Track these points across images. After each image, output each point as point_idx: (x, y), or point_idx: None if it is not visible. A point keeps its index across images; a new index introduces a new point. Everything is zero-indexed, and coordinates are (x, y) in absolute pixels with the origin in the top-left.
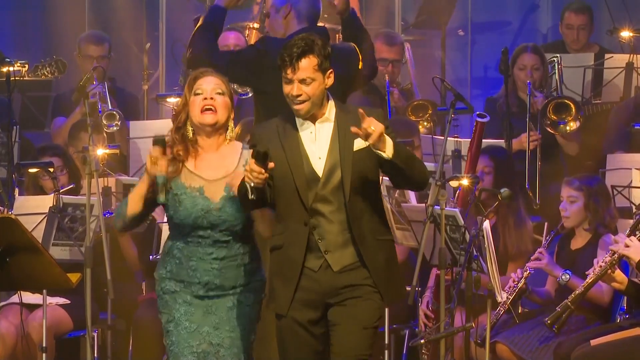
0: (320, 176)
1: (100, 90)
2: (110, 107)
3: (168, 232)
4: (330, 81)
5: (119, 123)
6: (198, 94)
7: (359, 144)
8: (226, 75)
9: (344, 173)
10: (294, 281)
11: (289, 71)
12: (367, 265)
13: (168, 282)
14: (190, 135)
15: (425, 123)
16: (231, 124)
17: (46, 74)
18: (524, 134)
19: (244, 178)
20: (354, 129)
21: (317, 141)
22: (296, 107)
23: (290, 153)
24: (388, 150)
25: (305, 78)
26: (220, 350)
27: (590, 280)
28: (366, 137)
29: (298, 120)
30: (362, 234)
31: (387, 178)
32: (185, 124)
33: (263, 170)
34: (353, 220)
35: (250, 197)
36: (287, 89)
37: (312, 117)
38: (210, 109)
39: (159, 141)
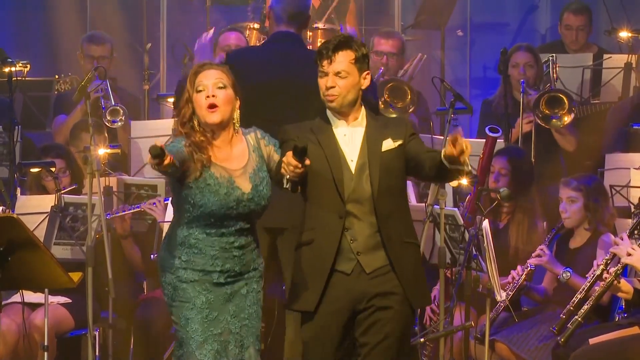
0: (353, 175)
1: (103, 86)
2: (113, 103)
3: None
4: (366, 83)
5: (122, 118)
6: (200, 91)
7: (387, 145)
8: None
9: (372, 173)
10: (323, 280)
11: (325, 63)
12: (395, 269)
13: (184, 272)
14: (197, 128)
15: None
16: (236, 114)
17: (60, 90)
18: (518, 118)
19: (280, 165)
20: (449, 149)
21: (350, 144)
22: (328, 99)
23: (327, 149)
24: (466, 165)
25: (341, 71)
26: (238, 338)
27: (598, 294)
28: (460, 152)
29: (333, 122)
30: (390, 235)
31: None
32: (191, 119)
33: (300, 165)
34: (381, 221)
35: (284, 187)
36: (321, 82)
37: (346, 119)
38: (213, 107)
39: (156, 152)
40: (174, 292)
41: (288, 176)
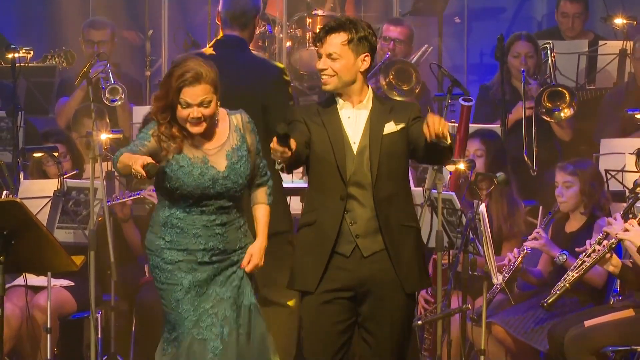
0: (354, 158)
1: (102, 67)
2: (113, 81)
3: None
4: (365, 65)
5: (122, 97)
6: (184, 107)
7: (388, 128)
8: None
9: (372, 155)
10: (324, 261)
11: (318, 45)
12: (390, 254)
13: (169, 252)
14: (175, 126)
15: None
16: (217, 107)
17: (55, 63)
18: (519, 102)
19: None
20: (424, 130)
21: (353, 125)
22: (322, 80)
23: (331, 130)
24: (449, 139)
25: (332, 53)
26: (232, 302)
27: (588, 265)
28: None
29: (339, 104)
30: (387, 219)
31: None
32: (170, 118)
33: (287, 149)
34: (379, 205)
35: (276, 168)
36: (319, 63)
37: (351, 101)
38: (197, 125)
39: (153, 172)
40: (161, 275)
41: (279, 160)
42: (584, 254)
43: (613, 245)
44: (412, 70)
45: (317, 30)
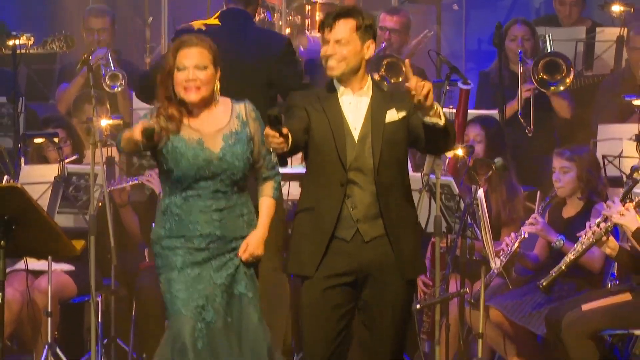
0: (356, 144)
1: (103, 53)
2: (113, 68)
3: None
4: (370, 53)
5: (122, 83)
6: (181, 69)
7: (390, 116)
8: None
9: (374, 143)
10: (323, 246)
11: (326, 31)
12: (390, 239)
13: (168, 240)
14: (174, 101)
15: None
16: (217, 86)
17: (55, 48)
18: (516, 94)
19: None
20: (407, 85)
21: (354, 112)
22: (329, 65)
23: (331, 115)
24: (443, 118)
25: (340, 39)
26: (224, 289)
27: (584, 247)
28: (417, 93)
29: (339, 90)
30: (388, 206)
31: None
32: (172, 90)
33: (277, 135)
34: (380, 191)
35: (272, 159)
36: (323, 50)
37: (352, 88)
38: (193, 89)
39: (149, 134)
40: (159, 260)
41: (271, 147)
42: (583, 238)
43: (609, 228)
44: (402, 64)
45: (324, 17)
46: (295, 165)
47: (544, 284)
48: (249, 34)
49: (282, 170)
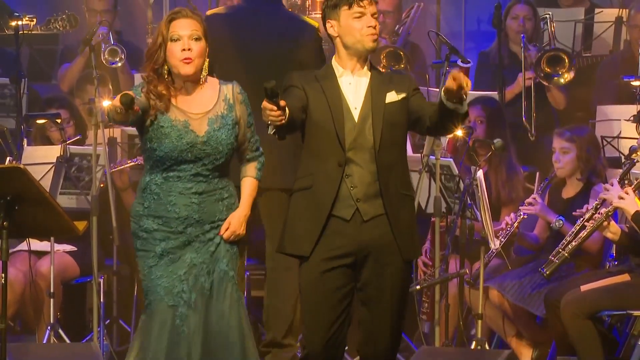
0: (356, 123)
1: (103, 31)
2: (113, 43)
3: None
4: None
5: (122, 57)
6: (175, 40)
7: (390, 97)
8: None
9: (374, 123)
10: (320, 225)
11: (365, 3)
12: (390, 219)
13: (146, 220)
14: (166, 75)
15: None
16: (206, 63)
17: (58, 27)
18: (520, 74)
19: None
20: (450, 84)
21: (354, 92)
22: (373, 38)
23: (330, 96)
24: (465, 105)
25: (376, 12)
26: (204, 267)
27: (586, 233)
28: (458, 87)
29: (338, 71)
30: (388, 186)
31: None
32: (163, 64)
33: (275, 108)
34: (381, 171)
35: (270, 133)
36: (361, 22)
37: (351, 69)
38: (188, 59)
39: (127, 100)
40: (137, 242)
41: (269, 122)
42: (581, 219)
43: (610, 213)
44: (401, 53)
45: None
46: None
47: (547, 272)
48: (280, 17)
49: None
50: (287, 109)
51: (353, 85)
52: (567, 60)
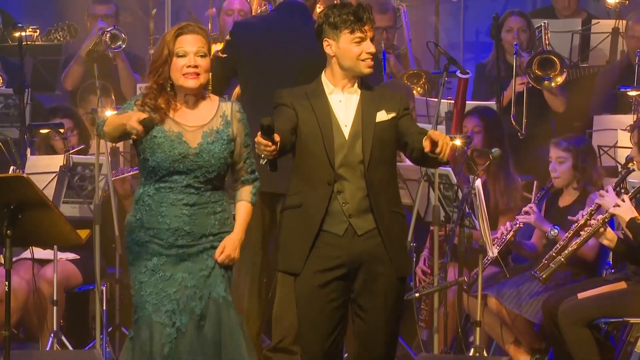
0: (346, 141)
1: (103, 25)
2: (114, 26)
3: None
4: None
5: (125, 38)
6: (181, 56)
7: (380, 116)
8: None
9: (364, 141)
10: (310, 240)
11: (367, 28)
12: (381, 232)
13: (138, 232)
14: (169, 89)
15: (419, 89)
16: (209, 78)
17: (59, 38)
18: (511, 80)
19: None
20: (425, 144)
21: (344, 110)
22: (369, 63)
23: (320, 115)
24: (445, 158)
25: (374, 35)
26: (196, 292)
27: (582, 238)
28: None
29: (328, 89)
30: (378, 202)
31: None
32: (166, 78)
33: (270, 143)
34: (371, 188)
35: (262, 164)
36: (360, 47)
37: (341, 86)
38: (194, 75)
39: (148, 122)
40: (129, 255)
41: (262, 155)
42: (575, 224)
43: (607, 219)
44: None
45: (359, 13)
46: None
47: (543, 276)
48: (306, 29)
49: None
50: (279, 143)
51: (343, 103)
52: (558, 63)
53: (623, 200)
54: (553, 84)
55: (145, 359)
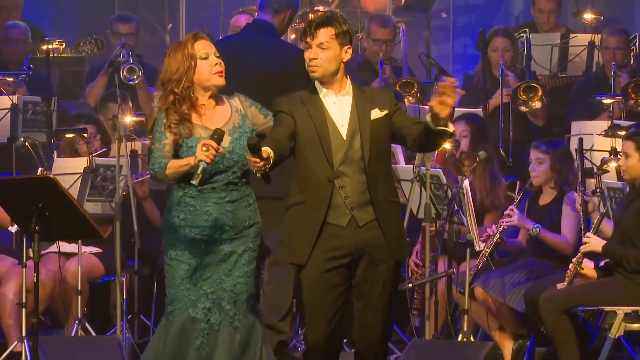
0: (345, 140)
1: (124, 52)
2: (131, 61)
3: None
4: (347, 56)
5: (139, 75)
6: (204, 58)
7: (375, 114)
8: None
9: (363, 138)
10: (314, 233)
11: (308, 39)
12: (381, 224)
13: (183, 230)
14: (193, 97)
15: (410, 98)
16: None
17: (87, 50)
18: (498, 90)
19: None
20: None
21: (339, 110)
22: (311, 69)
23: (316, 118)
24: (451, 126)
25: (322, 42)
26: (232, 296)
27: (568, 280)
28: (440, 105)
29: (321, 92)
30: (377, 194)
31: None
32: (188, 88)
33: (258, 160)
34: (371, 182)
35: (257, 176)
36: (306, 54)
37: (333, 89)
38: (221, 73)
39: (218, 134)
40: (172, 251)
41: (254, 170)
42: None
43: (580, 260)
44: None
45: (306, 26)
46: None
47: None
48: (268, 43)
49: None
50: (270, 157)
51: (337, 104)
52: (540, 90)
53: (588, 237)
54: (534, 106)
55: (174, 348)
